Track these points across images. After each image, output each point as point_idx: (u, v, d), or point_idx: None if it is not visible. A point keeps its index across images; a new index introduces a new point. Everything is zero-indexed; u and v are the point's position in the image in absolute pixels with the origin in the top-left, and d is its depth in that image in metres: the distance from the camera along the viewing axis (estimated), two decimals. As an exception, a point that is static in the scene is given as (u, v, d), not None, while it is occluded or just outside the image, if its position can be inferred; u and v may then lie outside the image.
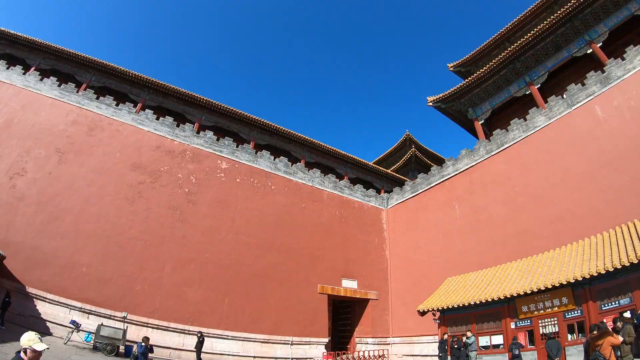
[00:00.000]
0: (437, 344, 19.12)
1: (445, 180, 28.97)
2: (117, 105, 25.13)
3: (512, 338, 15.87)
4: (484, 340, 17.74)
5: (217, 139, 27.13)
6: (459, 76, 36.87)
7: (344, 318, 29.87)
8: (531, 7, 30.95)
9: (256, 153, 28.51)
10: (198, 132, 26.90)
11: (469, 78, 30.55)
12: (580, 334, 14.77)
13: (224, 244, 23.49)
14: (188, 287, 21.33)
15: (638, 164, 18.88)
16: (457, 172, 28.27)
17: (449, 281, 22.35)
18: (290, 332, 23.47)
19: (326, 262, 27.44)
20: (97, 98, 24.84)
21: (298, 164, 30.82)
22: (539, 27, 26.92)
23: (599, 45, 25.93)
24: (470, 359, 16.71)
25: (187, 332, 20.44)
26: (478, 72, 29.74)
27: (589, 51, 26.27)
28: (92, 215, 20.68)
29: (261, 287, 23.69)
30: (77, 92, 24.61)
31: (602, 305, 14.42)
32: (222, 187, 25.23)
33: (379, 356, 24.65)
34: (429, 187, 30.10)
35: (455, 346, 16.90)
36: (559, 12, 26.21)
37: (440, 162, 39.07)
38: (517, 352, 15.11)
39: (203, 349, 19.10)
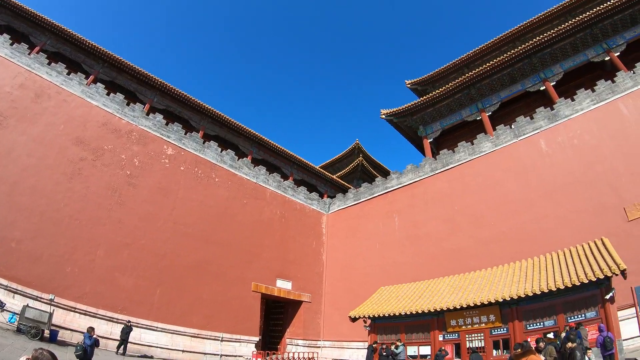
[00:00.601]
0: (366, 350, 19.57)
1: (388, 192, 30.11)
2: (68, 74, 23.94)
3: (439, 349, 16.45)
4: (412, 350, 18.42)
5: (166, 124, 26.67)
6: (415, 93, 38.74)
7: (276, 318, 30.10)
8: (494, 39, 33.75)
9: (204, 143, 28.29)
10: (148, 114, 26.28)
11: (424, 97, 32.14)
12: (505, 351, 15.73)
13: (161, 232, 22.98)
14: (120, 273, 20.75)
15: (574, 198, 21.10)
16: (400, 186, 29.48)
17: (382, 290, 23.02)
18: (221, 328, 23.38)
19: (263, 261, 27.60)
20: (49, 64, 23.51)
21: (245, 159, 30.85)
22: (498, 59, 29.01)
23: (552, 84, 28.53)
24: None
25: (115, 320, 19.83)
26: (433, 93, 31.44)
27: (542, 88, 28.83)
28: (28, 188, 19.51)
29: (195, 280, 23.41)
30: (29, 54, 23.22)
31: (528, 325, 15.60)
32: (165, 174, 24.69)
33: (309, 358, 25.07)
34: (371, 197, 31.17)
35: (384, 354, 17.43)
36: (519, 47, 28.44)
37: (385, 173, 41.02)
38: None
39: (131, 339, 18.64)
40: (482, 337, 16.51)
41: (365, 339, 20.64)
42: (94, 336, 14.24)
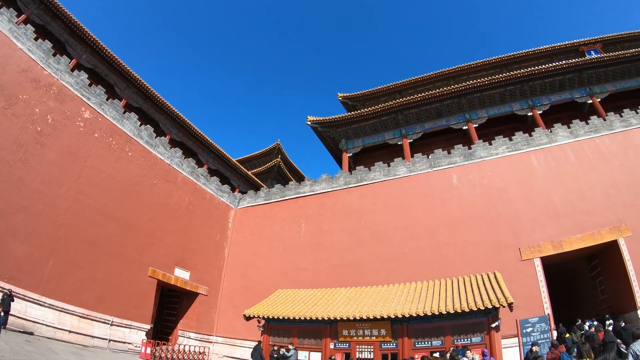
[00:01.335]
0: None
1: (300, 197, 30.54)
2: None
3: (329, 357, 17.15)
4: (303, 355, 18.80)
5: (90, 84, 25.03)
6: (344, 107, 39.91)
7: (170, 307, 29.25)
8: (431, 73, 36.65)
9: (124, 113, 26.87)
10: (72, 70, 24.48)
11: (353, 112, 33.63)
12: None
13: (63, 199, 21.41)
14: (12, 238, 18.90)
15: (475, 232, 23.46)
16: (312, 193, 30.05)
17: (279, 292, 23.34)
18: (112, 311, 22.24)
19: (163, 247, 26.60)
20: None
21: (163, 138, 29.79)
22: (430, 92, 31.49)
23: (475, 125, 31.58)
24: None
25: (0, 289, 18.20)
26: (362, 111, 32.98)
27: (464, 127, 31.67)
28: None
29: (91, 256, 21.99)
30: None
31: (416, 343, 16.72)
32: (78, 138, 23.11)
33: (200, 353, 24.56)
34: (282, 199, 31.42)
35: (275, 355, 17.75)
36: (451, 86, 31.23)
37: (300, 178, 42.44)
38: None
39: (15, 313, 17.05)
40: (372, 350, 17.32)
41: (257, 338, 20.68)
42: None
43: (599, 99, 32.64)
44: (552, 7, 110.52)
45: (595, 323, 20.54)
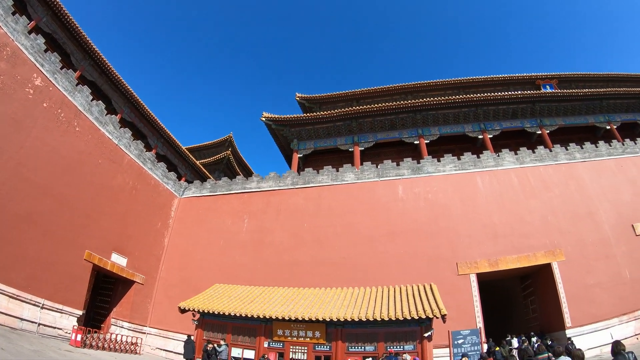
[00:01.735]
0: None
1: (246, 192, 30.34)
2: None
3: (262, 356, 17.16)
4: (236, 352, 18.62)
5: (46, 50, 23.69)
6: (301, 108, 40.18)
7: (104, 294, 28.07)
8: (391, 85, 37.86)
9: (77, 85, 25.55)
10: (30, 32, 23.05)
11: (308, 114, 34.06)
12: None
13: (2, 170, 20.06)
14: None
15: (415, 243, 24.47)
16: (259, 190, 29.95)
17: (217, 287, 23.05)
18: (44, 293, 20.80)
19: (102, 230, 25.28)
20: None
21: (114, 116, 28.54)
22: (387, 104, 32.37)
23: (426, 141, 32.74)
24: None
25: None
26: (318, 113, 33.48)
27: (416, 142, 32.77)
28: None
29: (24, 232, 20.47)
30: None
31: (350, 347, 16.99)
32: (25, 105, 21.57)
33: (132, 343, 23.96)
34: (228, 192, 31.05)
35: (207, 350, 17.43)
36: (408, 101, 32.25)
37: (248, 174, 42.37)
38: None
39: None
40: (306, 351, 17.42)
41: (191, 332, 20.35)
42: None
43: (548, 131, 34.62)
44: (515, 40, 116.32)
45: (524, 339, 21.80)
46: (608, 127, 36.63)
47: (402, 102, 32.25)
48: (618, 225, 26.39)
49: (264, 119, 34.12)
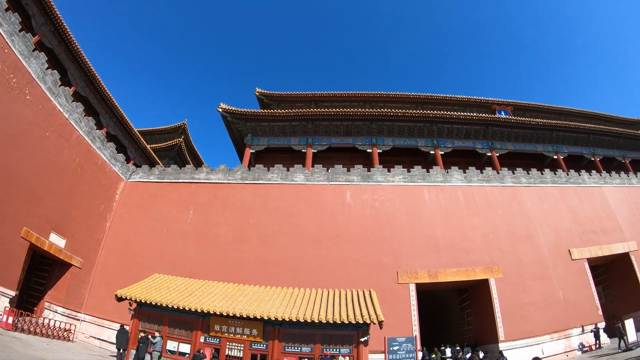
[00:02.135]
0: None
1: (194, 182, 29.74)
2: None
3: (197, 350, 17.00)
4: (172, 345, 18.30)
5: (7, 9, 22.21)
6: (259, 103, 40.34)
7: (39, 276, 26.50)
8: (351, 92, 38.63)
9: (33, 51, 24.22)
10: None
11: (266, 110, 34.17)
12: None
13: None
14: None
15: (359, 249, 24.90)
16: (207, 181, 29.47)
17: (156, 277, 22.42)
18: None
19: (42, 207, 23.77)
20: None
21: (67, 88, 27.05)
22: (345, 110, 32.74)
23: (379, 151, 33.41)
24: (152, 357, 17.26)
25: None
26: (276, 111, 33.57)
27: (369, 150, 33.36)
28: None
29: None
30: None
31: (286, 347, 17.14)
32: None
33: (65, 330, 22.97)
34: (176, 180, 30.18)
35: (141, 342, 17.32)
36: (366, 110, 32.89)
37: (199, 164, 41.47)
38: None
39: None
40: (242, 348, 17.38)
41: (128, 322, 19.79)
42: None
43: (498, 154, 36.16)
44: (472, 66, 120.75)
45: (457, 349, 22.63)
46: (555, 157, 38.61)
47: (359, 110, 32.82)
48: (556, 249, 27.92)
49: (220, 109, 33.70)
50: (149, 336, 17.47)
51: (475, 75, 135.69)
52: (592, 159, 41.31)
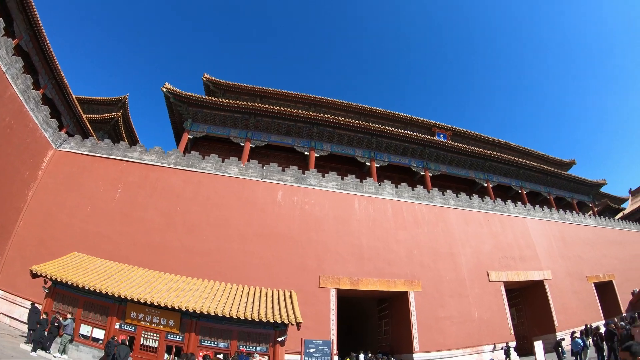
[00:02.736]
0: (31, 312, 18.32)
1: (126, 161, 28.38)
2: None
3: (112, 337, 16.52)
4: (86, 330, 17.75)
5: None
6: (205, 89, 39.62)
7: None
8: (297, 93, 39.10)
9: None
10: None
11: (210, 98, 33.28)
12: (176, 357, 16.80)
13: None
14: None
15: (284, 249, 25.02)
16: (140, 161, 28.27)
17: (75, 256, 21.51)
18: None
19: None
20: None
21: (10, 40, 25.28)
22: (287, 109, 33.06)
23: (316, 155, 33.91)
24: (63, 342, 16.70)
25: None
26: (220, 100, 32.83)
27: (306, 153, 33.72)
28: None
29: None
30: None
31: (203, 340, 17.05)
32: None
33: None
34: (108, 156, 28.56)
35: (56, 324, 16.90)
36: (308, 113, 33.45)
37: (134, 142, 40.05)
38: (111, 351, 15.73)
39: None
40: (158, 338, 17.09)
41: (42, 300, 19.11)
42: None
43: (431, 174, 37.81)
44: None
45: (370, 356, 23.43)
46: (485, 185, 40.90)
47: (303, 112, 33.27)
48: (475, 269, 29.50)
49: (164, 89, 32.85)
50: (60, 318, 17.02)
51: (422, 96, 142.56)
52: (520, 191, 44.04)
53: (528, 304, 34.63)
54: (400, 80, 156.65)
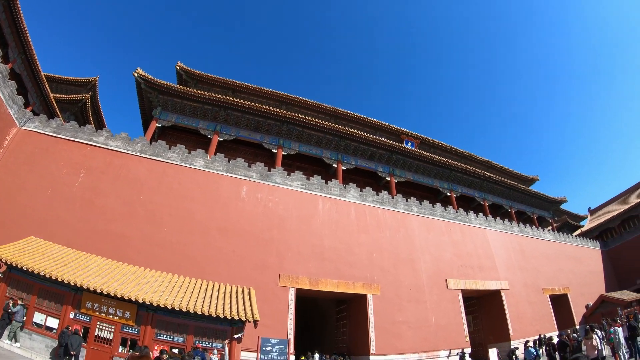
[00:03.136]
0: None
1: (91, 145, 27.46)
2: None
3: (66, 327, 16.33)
4: (40, 318, 17.37)
5: None
6: (177, 78, 38.83)
7: None
8: (270, 90, 39.44)
9: None
10: None
11: (182, 87, 32.70)
12: (130, 350, 16.44)
13: None
14: None
15: (245, 247, 25.07)
16: (105, 147, 27.49)
17: (32, 240, 20.89)
18: None
19: None
20: None
21: None
22: (260, 106, 33.24)
23: (284, 153, 34.29)
24: (13, 329, 16.60)
25: None
26: (191, 90, 32.43)
27: (274, 150, 33.99)
28: None
29: None
30: None
31: (159, 334, 16.92)
32: None
33: None
34: (72, 139, 27.51)
35: (8, 310, 16.51)
36: (278, 110, 33.47)
37: (100, 126, 39.37)
38: (65, 340, 15.61)
39: None
40: (113, 330, 16.90)
41: (-3, 286, 18.67)
42: None
43: (396, 180, 38.63)
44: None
45: (326, 356, 23.88)
46: (449, 194, 42.16)
47: (274, 109, 33.29)
48: (434, 276, 30.37)
49: (136, 74, 32.17)
50: (11, 303, 16.60)
51: (393, 102, 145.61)
52: (482, 202, 45.48)
53: (485, 312, 35.82)
54: (373, 85, 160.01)
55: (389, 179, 38.29)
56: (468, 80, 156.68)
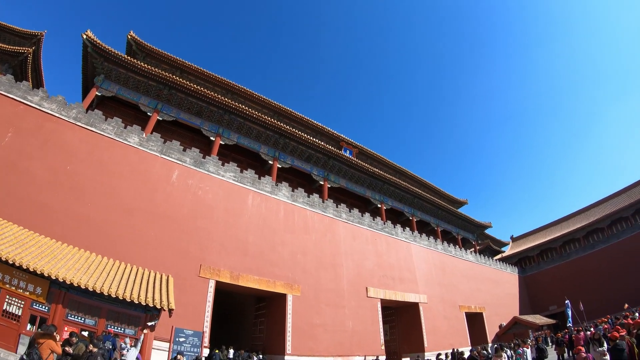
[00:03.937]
0: None
1: (24, 103, 25.09)
2: None
3: None
4: None
5: None
6: (126, 47, 37.20)
7: None
8: (218, 76, 39.17)
9: None
10: None
11: (129, 57, 31.48)
12: (39, 329, 15.16)
13: None
14: None
15: (169, 231, 24.78)
16: (38, 107, 25.32)
17: None
18: None
19: None
20: None
21: None
22: (204, 89, 32.95)
23: (222, 142, 34.47)
24: None
25: None
26: (138, 62, 31.45)
27: (212, 138, 33.92)
28: None
29: None
30: None
31: (70, 315, 16.43)
32: None
33: None
34: (6, 94, 24.79)
35: None
36: (223, 98, 33.44)
37: (39, 85, 37.72)
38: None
39: None
40: (22, 306, 16.15)
41: None
42: None
43: (330, 185, 39.97)
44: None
45: (241, 352, 24.40)
46: (379, 206, 43.97)
47: (219, 96, 33.04)
48: (355, 283, 31.71)
49: (85, 36, 30.32)
50: None
51: (335, 106, 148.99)
52: (411, 218, 47.76)
53: (402, 322, 37.66)
54: (316, 85, 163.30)
55: (322, 183, 39.34)
56: (412, 96, 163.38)
